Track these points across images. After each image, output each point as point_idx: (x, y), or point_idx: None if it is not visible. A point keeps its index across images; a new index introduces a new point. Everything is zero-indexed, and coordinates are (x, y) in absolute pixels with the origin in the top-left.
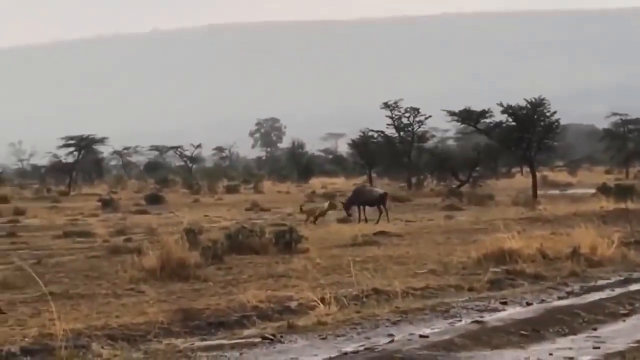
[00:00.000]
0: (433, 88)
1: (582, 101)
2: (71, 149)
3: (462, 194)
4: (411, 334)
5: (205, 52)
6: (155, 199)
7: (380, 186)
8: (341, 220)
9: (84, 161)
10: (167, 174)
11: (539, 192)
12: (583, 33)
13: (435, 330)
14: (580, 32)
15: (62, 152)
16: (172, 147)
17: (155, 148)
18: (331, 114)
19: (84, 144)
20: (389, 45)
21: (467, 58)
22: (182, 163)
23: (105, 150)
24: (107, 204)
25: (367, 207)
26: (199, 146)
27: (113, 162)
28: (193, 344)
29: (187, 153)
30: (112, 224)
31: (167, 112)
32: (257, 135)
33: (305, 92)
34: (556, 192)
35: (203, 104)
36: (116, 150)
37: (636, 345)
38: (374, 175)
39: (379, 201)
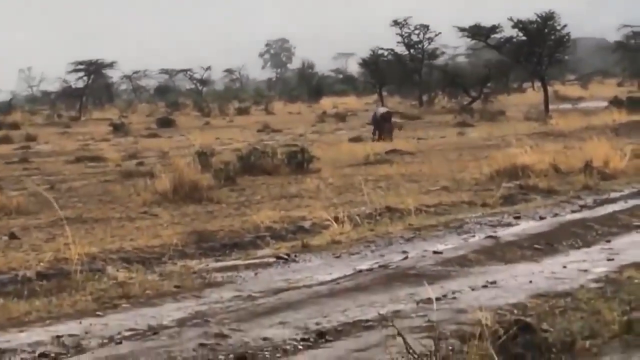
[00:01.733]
0: (442, 3)
1: (593, 13)
2: (80, 74)
3: (473, 111)
4: (425, 251)
5: None
6: (166, 123)
7: (392, 104)
8: (353, 140)
9: (94, 86)
10: (178, 97)
11: (550, 106)
12: None
13: (449, 246)
14: None
15: (71, 78)
16: (181, 70)
17: (164, 71)
18: (341, 33)
19: (93, 69)
20: None
21: None
22: (192, 86)
23: (114, 75)
24: (118, 129)
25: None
26: (208, 68)
27: (123, 87)
28: (207, 265)
29: (197, 76)
30: (124, 148)
31: (177, 35)
32: (267, 56)
33: (314, 11)
34: (568, 106)
35: (212, 25)
36: (126, 74)
37: None
38: (384, 94)
39: (381, 121)
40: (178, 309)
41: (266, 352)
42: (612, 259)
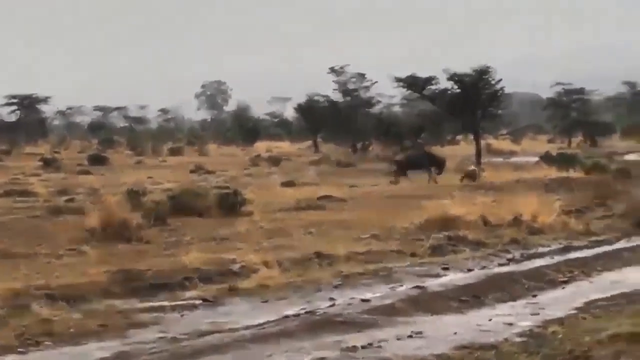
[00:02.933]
0: (380, 54)
1: (529, 70)
2: (13, 107)
3: None
4: (352, 298)
5: (152, 13)
6: (98, 160)
7: (326, 151)
8: (285, 184)
9: (27, 120)
10: (111, 135)
11: (482, 159)
12: (531, 1)
13: (377, 294)
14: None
15: (4, 111)
16: (116, 108)
17: (99, 108)
18: (278, 78)
19: (27, 103)
20: (338, 9)
21: (415, 24)
22: (127, 124)
23: (48, 110)
24: (49, 164)
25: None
26: (143, 107)
27: (57, 122)
28: (133, 305)
29: (132, 114)
30: (54, 183)
31: (113, 72)
32: (203, 97)
33: (252, 55)
34: (500, 159)
35: (150, 64)
36: (60, 110)
37: (574, 312)
38: (319, 140)
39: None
40: (101, 349)
41: None
42: (538, 314)
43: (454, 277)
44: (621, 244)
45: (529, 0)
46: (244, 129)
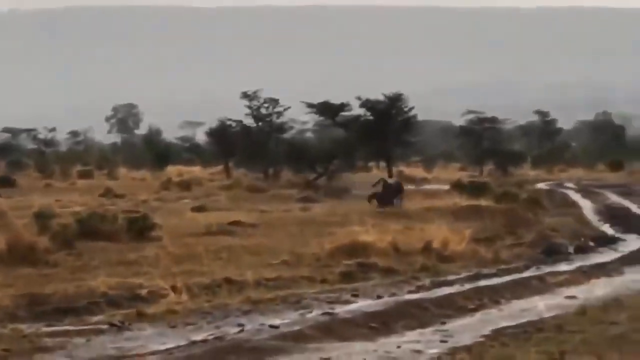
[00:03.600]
0: (294, 79)
1: (442, 98)
2: None
3: (318, 186)
4: (261, 324)
5: (63, 34)
6: (6, 182)
7: (238, 176)
8: (196, 209)
9: None
10: (20, 157)
11: None
12: (445, 30)
13: (286, 321)
14: (442, 30)
15: None
16: (25, 130)
17: (7, 130)
18: (190, 102)
19: None
20: (250, 34)
21: (327, 51)
22: (36, 146)
23: None
24: None
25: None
26: (53, 129)
27: None
28: (39, 329)
29: (41, 136)
30: None
31: (22, 94)
32: (114, 120)
33: (163, 79)
34: (411, 187)
35: (59, 87)
36: None
37: (482, 340)
38: (231, 165)
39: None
40: None
41: None
42: (446, 341)
43: (364, 304)
44: (530, 272)
45: (443, 32)
46: (155, 152)
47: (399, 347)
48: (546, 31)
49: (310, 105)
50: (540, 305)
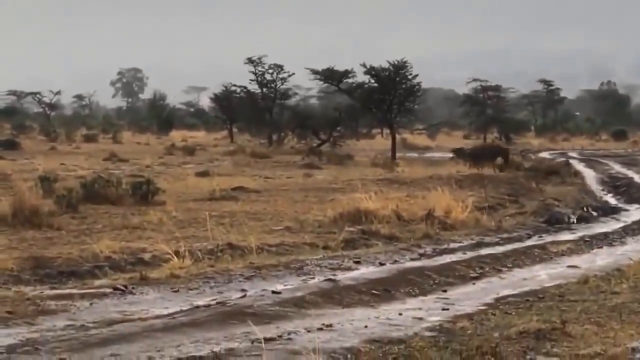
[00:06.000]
0: (298, 45)
1: (447, 66)
2: None
3: (322, 153)
4: (264, 290)
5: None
6: (10, 145)
7: (242, 142)
8: (200, 174)
9: None
10: (24, 120)
11: (398, 154)
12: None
13: (288, 286)
14: None
15: None
16: (30, 93)
17: (12, 93)
18: (195, 67)
19: None
20: (256, 1)
21: (334, 16)
22: (41, 110)
23: None
24: None
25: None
26: (58, 93)
27: None
28: (42, 292)
29: (46, 100)
30: None
31: (28, 58)
32: (119, 85)
33: (169, 43)
34: (415, 154)
35: (64, 52)
36: None
37: (484, 308)
38: (235, 130)
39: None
40: (8, 335)
41: None
42: (447, 309)
43: (366, 271)
44: (532, 241)
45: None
46: (160, 117)
47: (400, 314)
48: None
49: (314, 72)
50: (542, 274)
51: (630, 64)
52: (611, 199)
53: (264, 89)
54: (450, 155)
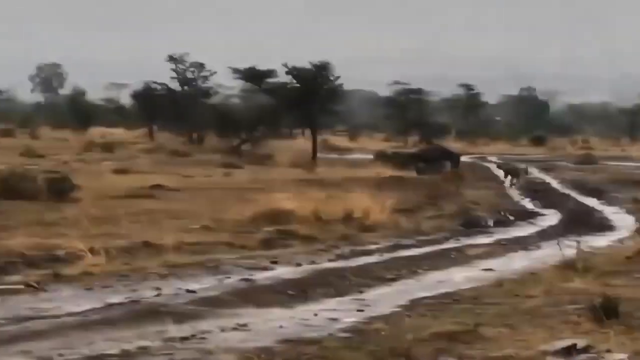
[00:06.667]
0: (221, 44)
1: (369, 67)
2: None
3: (242, 153)
4: (179, 289)
5: None
6: None
7: (162, 140)
8: (118, 171)
9: None
10: None
11: (318, 155)
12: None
13: (204, 286)
14: None
15: None
16: None
17: None
18: (116, 64)
19: None
20: None
21: (256, 17)
22: None
23: None
24: None
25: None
26: None
27: None
28: None
29: None
30: None
31: None
32: (38, 79)
33: (89, 39)
34: (336, 156)
35: None
36: None
37: (399, 310)
38: (155, 128)
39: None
40: None
41: None
42: (363, 310)
43: (283, 271)
44: (449, 244)
45: (371, 1)
46: (79, 113)
47: (316, 314)
48: (471, 2)
49: (236, 71)
50: (458, 277)
51: (550, 70)
52: (528, 204)
53: (185, 87)
54: (371, 157)
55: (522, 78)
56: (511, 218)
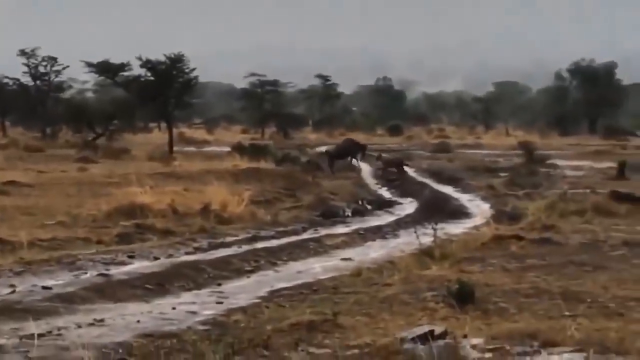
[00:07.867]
0: (74, 38)
1: (226, 61)
2: None
3: (97, 147)
4: (34, 285)
5: None
6: None
7: (15, 135)
8: None
9: None
10: None
11: (175, 148)
12: None
13: (59, 282)
14: None
15: None
16: None
17: None
18: None
19: None
20: None
21: (110, 10)
22: None
23: None
24: None
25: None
26: None
27: None
28: None
29: None
30: None
31: None
32: None
33: None
34: (193, 149)
35: None
36: None
37: (258, 301)
38: (7, 124)
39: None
40: None
41: None
42: (222, 302)
43: (140, 265)
44: (308, 234)
45: None
46: None
47: (174, 308)
48: None
49: (89, 65)
50: (317, 267)
51: (406, 61)
52: (386, 193)
53: (37, 82)
54: (228, 149)
55: (380, 69)
56: (369, 207)
